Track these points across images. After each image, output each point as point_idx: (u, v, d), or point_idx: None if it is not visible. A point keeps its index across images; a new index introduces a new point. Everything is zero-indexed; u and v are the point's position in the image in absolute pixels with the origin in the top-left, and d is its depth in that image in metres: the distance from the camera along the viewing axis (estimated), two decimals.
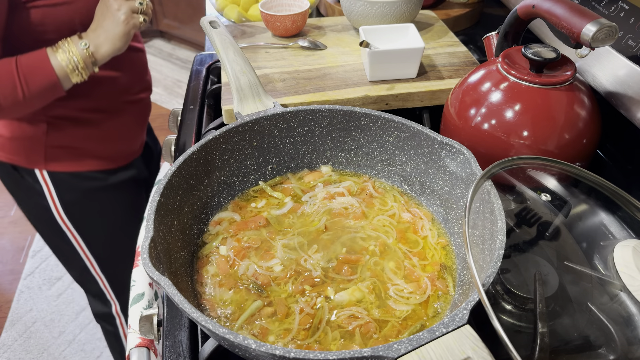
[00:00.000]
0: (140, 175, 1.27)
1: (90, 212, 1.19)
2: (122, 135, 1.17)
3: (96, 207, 1.19)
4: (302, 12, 1.06)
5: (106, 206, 1.21)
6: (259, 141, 0.76)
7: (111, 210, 1.22)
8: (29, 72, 0.90)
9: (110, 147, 1.15)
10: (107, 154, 1.15)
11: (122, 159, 1.20)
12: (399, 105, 0.92)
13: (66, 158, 1.10)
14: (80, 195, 1.15)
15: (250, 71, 0.81)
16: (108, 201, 1.20)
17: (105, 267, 1.28)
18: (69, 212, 1.15)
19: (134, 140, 1.23)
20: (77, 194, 1.15)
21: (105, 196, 1.19)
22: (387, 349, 0.45)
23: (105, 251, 1.26)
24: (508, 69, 0.72)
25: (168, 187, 0.63)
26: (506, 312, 0.57)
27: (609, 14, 0.79)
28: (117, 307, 1.37)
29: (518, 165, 0.61)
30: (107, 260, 1.27)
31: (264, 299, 0.62)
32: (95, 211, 1.20)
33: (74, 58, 0.91)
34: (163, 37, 3.79)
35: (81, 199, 1.16)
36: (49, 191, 1.12)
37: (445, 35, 1.09)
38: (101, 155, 1.14)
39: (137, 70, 1.17)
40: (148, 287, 0.87)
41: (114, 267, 1.29)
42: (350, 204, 0.74)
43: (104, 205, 1.20)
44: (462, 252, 0.67)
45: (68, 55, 0.91)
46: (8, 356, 1.81)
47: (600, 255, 0.60)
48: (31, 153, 1.07)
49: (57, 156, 1.09)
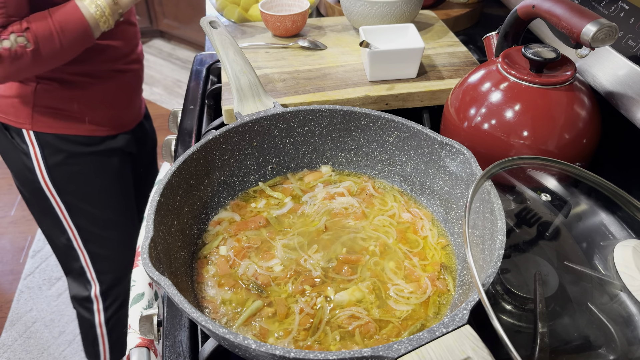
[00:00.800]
0: (127, 149, 1.28)
1: (74, 177, 1.21)
2: (109, 102, 1.19)
3: (79, 172, 1.21)
4: (302, 12, 1.06)
5: (89, 173, 1.22)
6: (259, 141, 0.76)
7: (94, 178, 1.23)
8: (64, 22, 0.96)
9: (96, 114, 1.17)
10: (93, 120, 1.17)
11: (108, 128, 1.21)
12: (399, 105, 0.92)
13: (52, 119, 1.12)
14: (64, 158, 1.17)
15: (251, 71, 0.81)
16: (91, 168, 1.22)
17: (87, 240, 1.28)
18: (52, 175, 1.17)
19: (122, 110, 1.25)
20: (61, 157, 1.17)
21: (89, 162, 1.21)
22: (387, 349, 0.45)
23: (88, 221, 1.27)
24: (508, 69, 0.72)
25: (168, 187, 0.63)
26: (506, 312, 0.57)
27: (609, 14, 0.79)
28: (96, 289, 1.36)
29: (518, 165, 0.61)
30: (89, 233, 1.28)
31: (264, 299, 0.62)
32: (79, 176, 1.21)
33: (101, 5, 0.99)
34: (163, 37, 3.79)
35: (65, 163, 1.18)
36: (35, 152, 1.14)
37: (445, 35, 1.09)
38: (87, 120, 1.16)
39: (129, 41, 1.20)
40: (148, 287, 0.87)
41: (96, 241, 1.29)
42: (350, 204, 0.74)
43: (87, 172, 1.22)
44: (462, 252, 0.67)
45: (96, 3, 0.99)
46: (8, 356, 1.81)
47: (600, 255, 0.60)
48: (19, 112, 1.10)
49: (44, 117, 1.11)
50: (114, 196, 1.29)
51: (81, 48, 1.03)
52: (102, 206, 1.27)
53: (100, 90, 1.16)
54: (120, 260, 1.36)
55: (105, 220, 1.29)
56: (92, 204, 1.25)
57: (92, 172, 1.22)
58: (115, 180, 1.27)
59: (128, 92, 1.26)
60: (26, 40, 0.93)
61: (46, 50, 0.96)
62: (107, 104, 1.19)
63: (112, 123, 1.22)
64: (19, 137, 1.14)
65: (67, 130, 1.15)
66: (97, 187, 1.25)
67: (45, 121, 1.12)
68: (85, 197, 1.24)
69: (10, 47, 0.92)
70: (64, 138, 1.15)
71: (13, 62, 0.94)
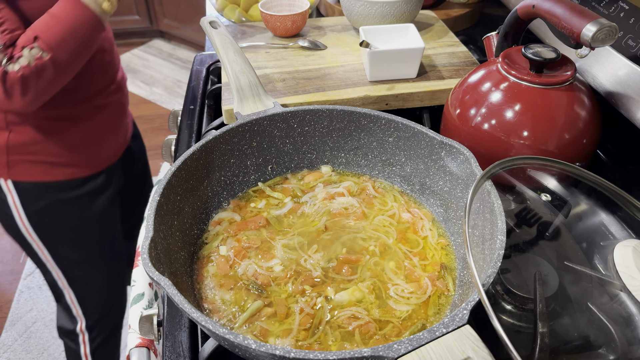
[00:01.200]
0: (115, 184, 1.21)
1: (56, 223, 1.13)
2: (89, 142, 1.11)
3: (62, 218, 1.13)
4: (302, 12, 1.06)
5: (72, 218, 1.15)
6: (259, 141, 0.76)
7: (78, 222, 1.16)
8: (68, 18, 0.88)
9: (76, 156, 1.09)
10: (73, 162, 1.09)
11: (90, 168, 1.13)
12: (399, 105, 0.92)
13: (29, 167, 1.05)
14: (45, 205, 1.10)
15: (251, 71, 0.81)
16: (74, 213, 1.14)
17: (72, 281, 1.22)
18: (33, 222, 1.10)
19: (105, 146, 1.15)
20: (41, 205, 1.09)
21: (71, 207, 1.13)
22: (387, 349, 0.45)
23: (72, 265, 1.20)
24: (508, 69, 0.72)
25: (168, 187, 0.63)
26: (506, 312, 0.57)
27: (609, 14, 0.79)
28: (82, 324, 1.31)
29: (518, 165, 0.61)
30: (74, 275, 1.22)
31: (264, 299, 0.62)
32: (61, 222, 1.14)
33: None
34: (163, 37, 3.79)
35: (46, 210, 1.10)
36: (13, 201, 1.07)
37: (445, 35, 1.09)
38: (66, 164, 1.08)
39: (104, 72, 1.11)
40: (148, 287, 0.87)
41: (82, 282, 1.24)
42: (350, 204, 0.74)
43: (70, 217, 1.14)
44: (462, 252, 0.67)
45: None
46: (8, 356, 1.81)
47: (600, 255, 0.60)
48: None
49: (20, 165, 1.04)
50: (100, 237, 1.22)
51: (96, 40, 0.95)
52: (87, 249, 1.20)
53: (78, 132, 1.07)
54: (107, 298, 1.31)
55: (90, 262, 1.22)
56: (77, 248, 1.19)
57: (75, 217, 1.15)
58: (101, 221, 1.19)
59: (110, 126, 1.16)
60: (40, 50, 0.86)
61: (63, 54, 0.89)
62: (87, 144, 1.10)
63: (94, 161, 1.13)
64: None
65: (46, 177, 1.07)
66: (82, 231, 1.17)
67: (21, 169, 1.04)
68: (70, 242, 1.17)
69: (29, 64, 0.85)
70: (43, 185, 1.07)
71: (39, 79, 0.87)
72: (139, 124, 2.95)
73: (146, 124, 2.90)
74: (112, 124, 1.16)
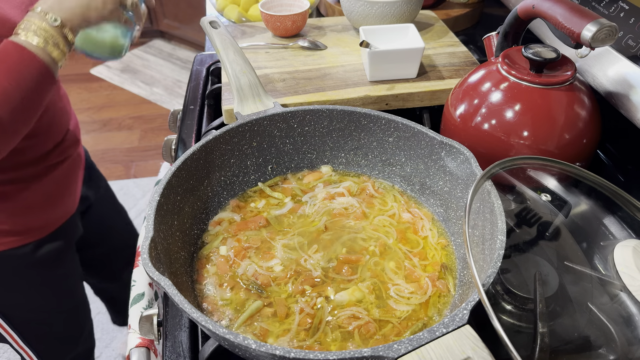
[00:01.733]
0: (73, 237, 1.11)
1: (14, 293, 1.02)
2: (45, 202, 0.98)
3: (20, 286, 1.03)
4: (302, 12, 1.06)
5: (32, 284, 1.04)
6: (259, 141, 0.76)
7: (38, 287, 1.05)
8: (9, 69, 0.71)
9: (30, 219, 0.97)
10: (28, 226, 0.97)
11: (46, 227, 1.01)
12: (399, 105, 0.92)
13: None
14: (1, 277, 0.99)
15: (251, 71, 0.81)
16: (34, 278, 1.03)
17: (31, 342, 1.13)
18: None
19: (62, 203, 1.03)
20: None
21: (30, 273, 1.02)
22: (387, 349, 0.45)
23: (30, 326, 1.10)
24: (508, 69, 0.72)
25: (168, 187, 0.63)
26: (506, 312, 0.57)
27: (609, 14, 0.79)
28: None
29: (518, 165, 0.61)
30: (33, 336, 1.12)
31: (264, 299, 0.62)
32: (20, 291, 1.03)
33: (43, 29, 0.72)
34: (163, 37, 3.79)
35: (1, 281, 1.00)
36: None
37: (445, 36, 1.09)
38: (18, 231, 0.96)
39: (59, 124, 0.98)
40: (148, 287, 0.87)
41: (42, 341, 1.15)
42: (350, 204, 0.74)
43: (29, 284, 1.03)
44: (462, 252, 0.67)
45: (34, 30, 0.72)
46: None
47: (601, 255, 0.60)
48: None
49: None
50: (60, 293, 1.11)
51: (46, 95, 0.78)
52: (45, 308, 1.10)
53: (30, 195, 0.94)
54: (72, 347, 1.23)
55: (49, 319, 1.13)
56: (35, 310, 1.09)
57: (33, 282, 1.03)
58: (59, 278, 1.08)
59: (67, 182, 1.03)
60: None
61: (5, 113, 0.71)
62: (40, 205, 0.97)
63: (47, 222, 1.01)
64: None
65: None
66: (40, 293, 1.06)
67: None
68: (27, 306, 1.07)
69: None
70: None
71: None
72: (139, 124, 2.98)
73: (146, 124, 2.90)
74: (70, 180, 1.04)
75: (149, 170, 2.60)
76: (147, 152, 2.72)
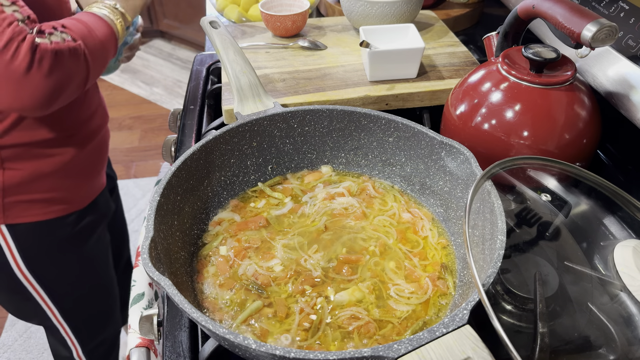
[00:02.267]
0: (106, 211, 1.18)
1: (55, 262, 1.08)
2: (84, 173, 1.06)
3: (63, 256, 1.09)
4: (302, 12, 1.06)
5: (72, 254, 1.10)
6: (259, 141, 0.76)
7: (76, 257, 1.12)
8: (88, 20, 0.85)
9: (72, 189, 1.04)
10: (70, 196, 1.04)
11: (85, 198, 1.09)
12: (399, 105, 0.92)
13: (26, 208, 0.99)
14: (46, 246, 1.05)
15: (251, 71, 0.81)
16: (73, 248, 1.10)
17: (68, 315, 1.19)
18: (31, 266, 1.05)
19: (97, 174, 1.11)
20: (42, 246, 1.04)
21: (72, 243, 1.09)
22: (387, 349, 0.45)
23: (69, 300, 1.16)
24: (508, 69, 0.72)
25: (168, 187, 0.63)
26: (506, 312, 0.57)
27: (609, 14, 0.79)
28: (78, 351, 1.27)
29: (518, 165, 0.61)
30: (70, 309, 1.18)
31: (264, 300, 0.62)
32: (60, 261, 1.09)
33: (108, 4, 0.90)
34: (163, 37, 3.79)
35: (46, 251, 1.05)
36: (9, 247, 1.01)
37: (445, 36, 1.09)
38: (63, 199, 1.03)
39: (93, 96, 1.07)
40: (148, 287, 0.87)
41: (76, 314, 1.21)
42: (350, 204, 0.74)
43: (68, 254, 1.10)
44: (462, 252, 0.67)
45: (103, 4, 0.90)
46: (8, 356, 1.81)
47: (601, 255, 0.60)
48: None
49: (16, 207, 0.98)
50: (95, 268, 1.19)
51: (111, 55, 0.91)
52: (83, 281, 1.17)
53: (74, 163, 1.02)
54: (101, 322, 1.29)
55: (86, 293, 1.19)
56: (73, 283, 1.15)
57: (73, 252, 1.10)
58: (95, 251, 1.16)
59: (100, 155, 1.11)
60: (70, 36, 0.79)
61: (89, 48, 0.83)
62: (80, 175, 1.05)
63: (86, 193, 1.09)
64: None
65: (42, 216, 1.01)
66: (79, 266, 1.13)
67: (17, 211, 0.98)
68: (67, 279, 1.13)
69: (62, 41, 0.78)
70: (40, 225, 1.01)
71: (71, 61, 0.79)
72: (139, 124, 2.98)
73: (146, 124, 2.90)
74: (104, 150, 1.13)
75: (149, 170, 2.60)
76: (147, 152, 2.72)
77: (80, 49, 0.80)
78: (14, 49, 0.73)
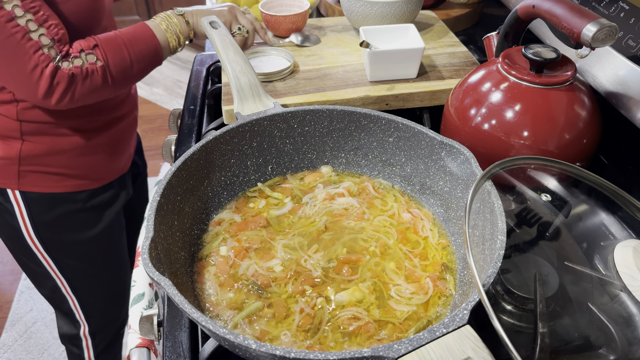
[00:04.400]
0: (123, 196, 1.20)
1: (62, 234, 1.11)
2: (105, 154, 1.09)
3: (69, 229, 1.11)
4: (302, 13, 1.06)
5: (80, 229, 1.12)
6: (259, 141, 0.76)
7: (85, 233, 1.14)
8: (133, 38, 0.91)
9: (90, 167, 1.08)
10: (87, 174, 1.08)
11: (103, 179, 1.12)
12: (399, 105, 0.92)
13: (40, 178, 1.02)
14: (54, 217, 1.08)
15: (251, 71, 0.81)
16: (84, 225, 1.12)
17: (77, 288, 1.21)
18: (39, 233, 1.08)
19: (119, 157, 1.14)
20: (51, 216, 1.07)
21: (81, 219, 1.11)
22: (387, 349, 0.45)
23: (77, 274, 1.19)
24: (508, 69, 0.72)
25: (168, 187, 0.63)
26: (506, 312, 0.57)
27: (609, 14, 0.79)
28: (85, 329, 1.29)
29: (518, 166, 0.61)
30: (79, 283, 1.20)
31: (264, 300, 0.62)
32: (68, 233, 1.11)
33: (173, 22, 0.95)
34: None
35: (55, 221, 1.08)
36: (20, 212, 1.05)
37: (445, 36, 1.09)
38: (80, 176, 1.07)
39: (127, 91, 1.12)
40: (148, 287, 0.87)
41: (85, 290, 1.22)
42: (350, 205, 0.74)
43: (77, 228, 1.12)
44: (462, 252, 0.67)
45: (167, 21, 0.95)
46: (8, 356, 1.81)
47: (601, 256, 0.60)
48: (4, 172, 1.01)
49: (31, 176, 1.02)
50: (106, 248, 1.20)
51: (150, 68, 0.96)
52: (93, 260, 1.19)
53: (93, 144, 1.06)
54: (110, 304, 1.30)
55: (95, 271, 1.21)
56: (82, 259, 1.17)
57: (83, 229, 1.13)
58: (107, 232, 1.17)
59: (124, 138, 1.15)
60: (95, 57, 0.87)
61: (116, 68, 0.90)
62: (100, 156, 1.09)
63: (105, 174, 1.12)
64: (2, 196, 1.04)
65: (56, 188, 1.05)
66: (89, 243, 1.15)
67: (32, 180, 1.02)
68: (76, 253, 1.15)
69: (82, 65, 0.86)
70: (52, 196, 1.05)
71: (84, 81, 0.87)
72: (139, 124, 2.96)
73: (146, 124, 2.90)
74: (126, 136, 1.16)
75: (149, 170, 2.58)
76: (147, 152, 2.70)
77: (99, 69, 0.88)
78: (38, 74, 0.83)
